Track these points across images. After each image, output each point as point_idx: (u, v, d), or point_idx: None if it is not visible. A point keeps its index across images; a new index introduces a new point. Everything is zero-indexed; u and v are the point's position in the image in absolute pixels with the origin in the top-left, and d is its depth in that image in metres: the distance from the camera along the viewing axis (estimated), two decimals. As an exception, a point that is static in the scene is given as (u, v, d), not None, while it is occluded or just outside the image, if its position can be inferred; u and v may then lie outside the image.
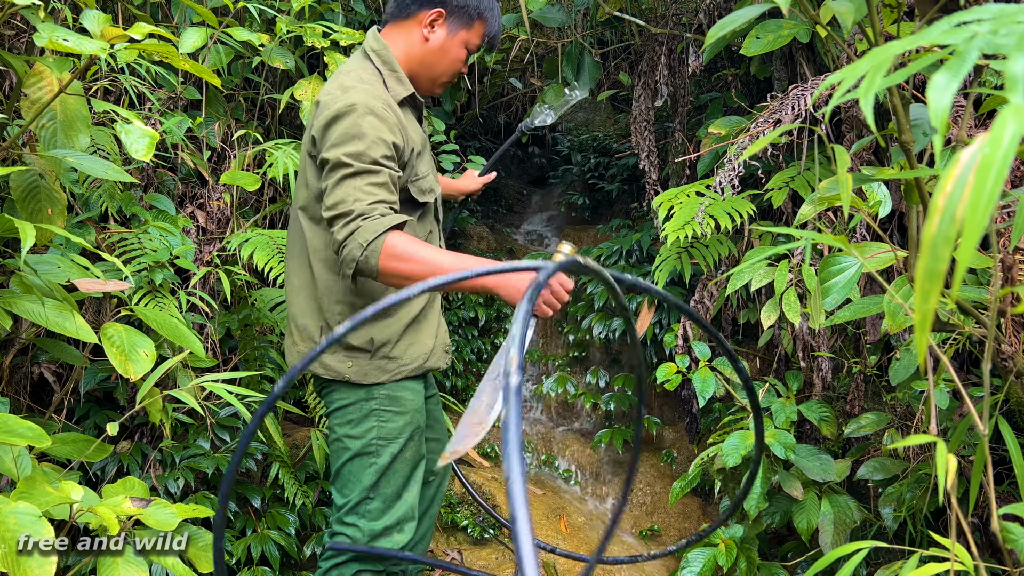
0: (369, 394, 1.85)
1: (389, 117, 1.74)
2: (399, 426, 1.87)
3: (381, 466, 1.85)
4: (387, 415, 1.87)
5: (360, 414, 1.85)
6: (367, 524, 1.85)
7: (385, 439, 1.85)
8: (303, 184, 1.87)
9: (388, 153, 1.72)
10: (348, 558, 1.86)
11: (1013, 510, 1.40)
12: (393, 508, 1.87)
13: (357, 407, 1.85)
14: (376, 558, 1.85)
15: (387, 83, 1.85)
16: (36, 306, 1.79)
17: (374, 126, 1.70)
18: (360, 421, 1.85)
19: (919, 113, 1.54)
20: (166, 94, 2.79)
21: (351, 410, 1.85)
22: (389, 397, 1.86)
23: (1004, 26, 0.60)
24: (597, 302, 3.80)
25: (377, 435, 1.85)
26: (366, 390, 1.86)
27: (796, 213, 2.86)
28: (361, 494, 1.85)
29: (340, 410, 1.87)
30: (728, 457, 2.25)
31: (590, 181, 4.98)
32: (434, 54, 1.90)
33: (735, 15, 1.57)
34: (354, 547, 1.83)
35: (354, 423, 1.86)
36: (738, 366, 1.01)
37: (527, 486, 2.24)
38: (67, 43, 1.58)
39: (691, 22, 3.32)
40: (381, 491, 1.86)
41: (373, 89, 1.78)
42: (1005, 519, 1.55)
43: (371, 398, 1.85)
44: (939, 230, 0.51)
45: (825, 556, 1.36)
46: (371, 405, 1.85)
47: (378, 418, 1.85)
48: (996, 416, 1.56)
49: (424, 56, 1.90)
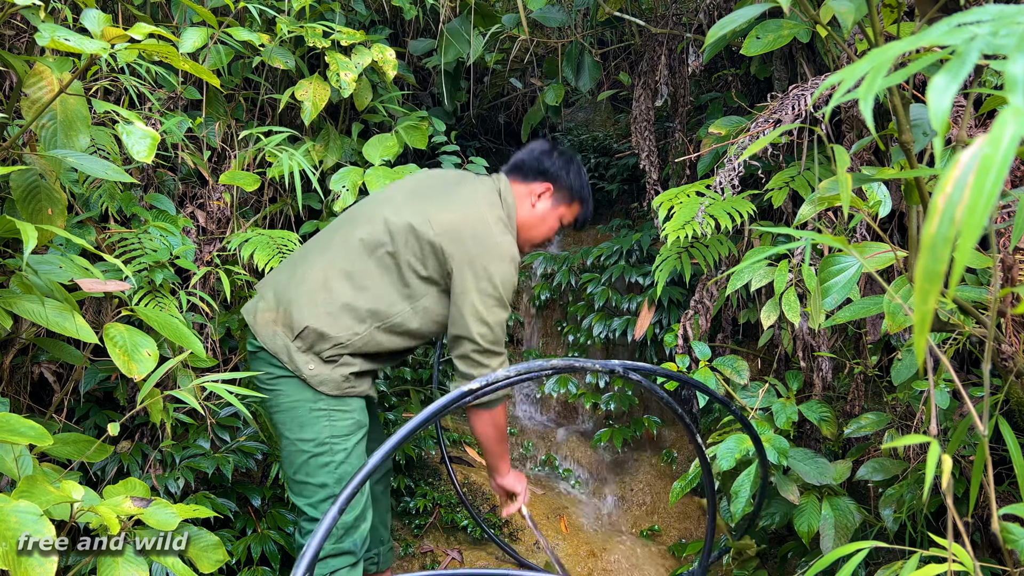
0: (317, 396, 1.94)
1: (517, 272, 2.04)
2: (349, 424, 1.97)
3: (338, 462, 1.94)
4: (337, 415, 1.96)
5: (309, 416, 1.94)
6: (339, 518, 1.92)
7: (337, 436, 1.94)
8: (405, 244, 1.97)
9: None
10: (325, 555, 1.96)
11: (1013, 510, 1.40)
12: (356, 499, 1.97)
13: (305, 409, 1.93)
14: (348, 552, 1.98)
15: (513, 243, 2.04)
16: (36, 306, 1.79)
17: (513, 278, 1.98)
18: (310, 423, 1.94)
19: (919, 113, 1.54)
20: (166, 94, 2.79)
21: (299, 412, 1.94)
22: (338, 399, 1.96)
23: (1004, 27, 0.60)
24: (597, 302, 3.80)
25: (330, 434, 1.94)
26: (314, 393, 1.93)
27: (796, 213, 2.86)
28: (325, 493, 1.94)
29: (287, 412, 1.95)
30: (723, 460, 2.25)
31: (590, 181, 4.97)
32: (536, 220, 2.13)
33: (735, 15, 1.57)
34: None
35: (304, 426, 1.94)
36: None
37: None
38: (68, 43, 1.58)
39: (691, 22, 3.32)
40: (343, 484, 1.92)
41: (509, 239, 2.00)
42: (1005, 519, 1.55)
43: (319, 399, 1.94)
44: (938, 231, 0.52)
45: (825, 556, 1.36)
46: (320, 406, 1.93)
47: (329, 418, 1.94)
48: (996, 416, 1.56)
49: (527, 219, 2.12)
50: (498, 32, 3.65)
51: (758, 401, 2.54)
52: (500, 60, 4.11)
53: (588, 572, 2.88)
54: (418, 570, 2.80)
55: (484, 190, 2.06)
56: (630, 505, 3.37)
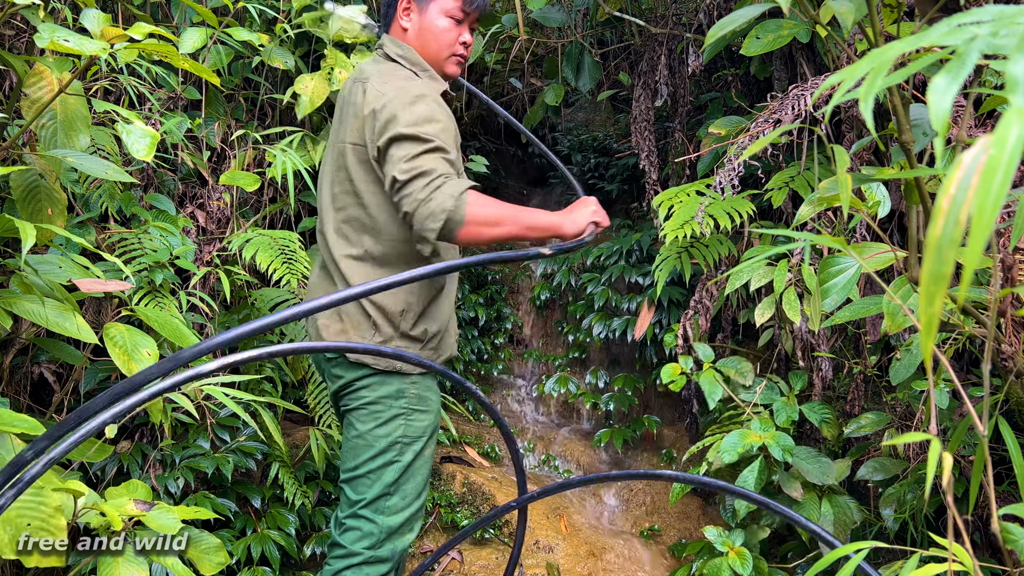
0: (400, 393, 1.87)
1: (445, 108, 1.83)
2: (424, 426, 1.90)
3: (404, 464, 1.87)
4: (415, 415, 1.89)
5: (388, 413, 1.86)
6: (385, 520, 1.86)
7: (410, 437, 1.88)
8: (350, 198, 1.87)
9: (453, 143, 1.80)
10: (361, 561, 1.86)
11: (1013, 510, 1.40)
12: (412, 505, 1.89)
13: (386, 405, 1.86)
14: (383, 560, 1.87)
15: (433, 81, 1.92)
16: (36, 306, 1.79)
17: (447, 114, 1.79)
18: (389, 420, 1.86)
19: (919, 113, 1.54)
20: (166, 94, 2.79)
21: (379, 407, 1.86)
22: (419, 397, 1.89)
23: (1004, 27, 0.60)
24: (597, 302, 3.80)
25: (404, 433, 1.87)
26: (397, 389, 1.87)
27: (796, 213, 2.86)
28: (381, 491, 1.86)
29: (368, 406, 1.87)
30: (725, 454, 2.25)
31: (590, 181, 4.98)
32: (421, 36, 1.92)
33: (735, 15, 1.57)
34: None
35: (382, 422, 1.86)
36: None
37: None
38: (68, 43, 1.58)
39: (691, 22, 3.32)
40: (401, 488, 1.87)
41: (423, 84, 1.85)
42: (1005, 519, 1.55)
43: (401, 397, 1.87)
44: (943, 232, 0.51)
45: (825, 556, 1.36)
46: (401, 404, 1.87)
47: (407, 417, 1.88)
48: (996, 416, 1.56)
49: (416, 42, 1.93)
50: (498, 32, 3.66)
51: (756, 396, 2.55)
52: (500, 60, 4.11)
53: (588, 572, 2.88)
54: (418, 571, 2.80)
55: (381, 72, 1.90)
56: (630, 505, 3.37)
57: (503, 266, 4.50)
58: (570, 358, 4.01)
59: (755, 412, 2.49)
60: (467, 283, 4.21)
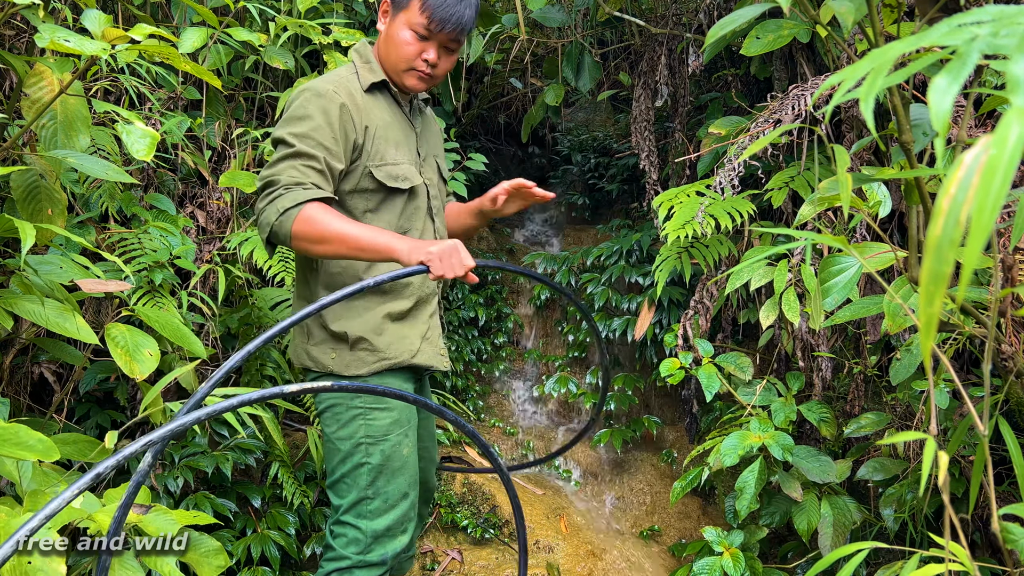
0: (354, 393, 1.85)
1: (336, 99, 1.77)
2: (387, 424, 1.86)
3: (374, 465, 1.84)
4: (374, 413, 1.86)
5: (347, 414, 1.85)
6: (368, 525, 1.84)
7: (374, 437, 1.85)
8: None
9: (335, 136, 1.75)
10: (350, 565, 1.85)
11: (1013, 510, 1.40)
12: (397, 507, 1.87)
13: (343, 406, 1.85)
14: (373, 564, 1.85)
15: (359, 73, 1.88)
16: (36, 306, 1.78)
17: (321, 107, 1.75)
18: (347, 422, 1.85)
19: (919, 113, 1.54)
20: (166, 94, 2.79)
21: (338, 409, 1.86)
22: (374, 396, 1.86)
23: (1004, 27, 0.60)
24: (597, 302, 3.80)
25: (365, 434, 1.85)
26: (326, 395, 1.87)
27: (796, 213, 2.86)
28: (359, 495, 1.84)
29: (328, 410, 1.88)
30: (726, 457, 2.25)
31: (590, 181, 4.98)
32: (385, 43, 1.88)
33: (735, 15, 1.57)
34: None
35: (342, 423, 1.86)
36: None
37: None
38: (68, 44, 1.58)
39: (691, 22, 3.32)
40: (381, 491, 1.85)
41: (335, 77, 1.83)
42: (1005, 519, 1.55)
43: (356, 396, 1.85)
44: (943, 232, 0.51)
45: (825, 557, 1.36)
46: (356, 404, 1.84)
47: (364, 417, 1.85)
48: (996, 416, 1.56)
49: (381, 47, 1.91)
50: (498, 32, 3.66)
51: (755, 397, 2.55)
52: (500, 60, 4.11)
53: (588, 572, 2.88)
54: (418, 571, 2.80)
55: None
56: (630, 505, 3.37)
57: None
58: (570, 358, 4.01)
59: (754, 413, 2.49)
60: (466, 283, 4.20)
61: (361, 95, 1.84)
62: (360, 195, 1.85)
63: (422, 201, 1.95)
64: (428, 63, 1.84)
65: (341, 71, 1.89)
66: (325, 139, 1.74)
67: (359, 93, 1.84)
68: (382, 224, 1.86)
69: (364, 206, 1.86)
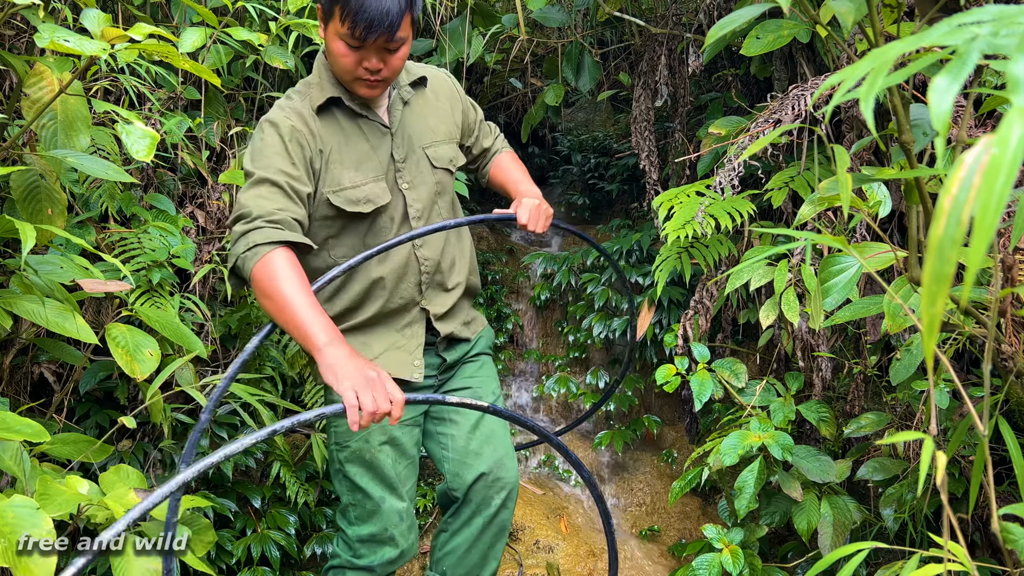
0: (329, 398, 1.91)
1: (287, 123, 1.73)
2: (344, 430, 1.85)
3: (345, 473, 1.87)
4: (336, 420, 1.87)
5: (329, 422, 1.93)
6: (353, 530, 1.89)
7: (338, 444, 1.88)
8: None
9: (292, 161, 1.72)
10: (341, 563, 1.91)
11: (1013, 510, 1.40)
12: (376, 516, 1.86)
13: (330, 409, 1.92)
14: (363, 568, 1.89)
15: (311, 94, 1.81)
16: (36, 306, 1.79)
17: (276, 135, 1.72)
18: (327, 427, 1.94)
19: (919, 113, 1.54)
20: (166, 94, 2.78)
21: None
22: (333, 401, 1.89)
23: (1005, 27, 0.60)
24: (597, 302, 3.80)
25: (334, 440, 1.89)
26: (329, 393, 1.90)
27: (796, 213, 2.86)
28: (344, 500, 1.91)
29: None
30: (726, 456, 2.25)
31: (590, 181, 4.98)
32: (328, 55, 1.78)
33: (735, 15, 1.57)
34: None
35: (328, 429, 1.94)
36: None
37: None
38: (68, 44, 1.58)
39: (691, 22, 3.32)
40: (357, 499, 1.87)
41: (288, 102, 1.80)
42: (1005, 519, 1.55)
43: (330, 402, 1.90)
44: (946, 232, 0.51)
45: (825, 557, 1.36)
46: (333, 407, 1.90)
47: (332, 424, 1.90)
48: (996, 416, 1.56)
49: (329, 59, 1.79)
50: (498, 32, 3.66)
51: (755, 397, 2.55)
52: (500, 60, 4.11)
53: (588, 572, 2.88)
54: (418, 571, 2.80)
55: None
56: (630, 505, 3.37)
57: (505, 266, 4.50)
58: (570, 358, 4.01)
59: (754, 413, 2.49)
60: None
61: (313, 119, 1.78)
62: (320, 223, 1.81)
63: (395, 211, 1.87)
64: (370, 70, 1.72)
65: (295, 93, 1.83)
66: (284, 165, 1.71)
67: (311, 117, 1.78)
68: (346, 248, 1.83)
69: (326, 233, 1.82)
